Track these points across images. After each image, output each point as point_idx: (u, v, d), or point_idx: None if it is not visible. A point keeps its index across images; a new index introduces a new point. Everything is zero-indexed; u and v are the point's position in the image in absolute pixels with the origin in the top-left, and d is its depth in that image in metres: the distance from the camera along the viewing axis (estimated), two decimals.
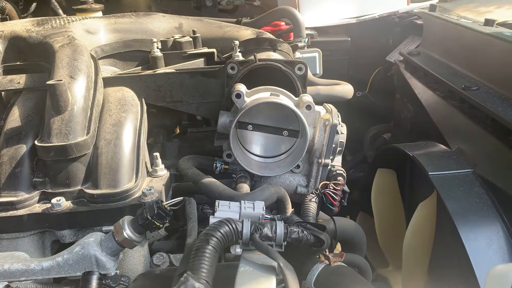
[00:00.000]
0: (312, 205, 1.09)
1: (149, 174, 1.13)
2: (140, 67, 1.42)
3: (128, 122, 1.12)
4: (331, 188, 1.12)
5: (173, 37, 1.46)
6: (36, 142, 1.01)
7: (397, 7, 2.11)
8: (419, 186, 1.43)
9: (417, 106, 1.64)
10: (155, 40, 1.38)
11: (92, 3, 1.89)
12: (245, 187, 1.11)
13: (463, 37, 1.52)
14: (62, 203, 0.98)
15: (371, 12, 2.10)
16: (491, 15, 2.03)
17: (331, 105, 1.18)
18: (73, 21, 1.40)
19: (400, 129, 1.90)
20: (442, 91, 1.49)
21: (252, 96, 1.13)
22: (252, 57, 1.22)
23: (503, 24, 1.63)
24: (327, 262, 0.92)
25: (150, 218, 0.89)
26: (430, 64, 1.64)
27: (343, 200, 1.14)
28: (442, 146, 1.37)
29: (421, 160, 1.26)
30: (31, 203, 1.00)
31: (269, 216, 0.94)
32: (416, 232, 1.30)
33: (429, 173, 1.18)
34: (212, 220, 0.89)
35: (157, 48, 1.39)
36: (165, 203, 0.93)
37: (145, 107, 1.22)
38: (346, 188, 1.15)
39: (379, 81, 2.23)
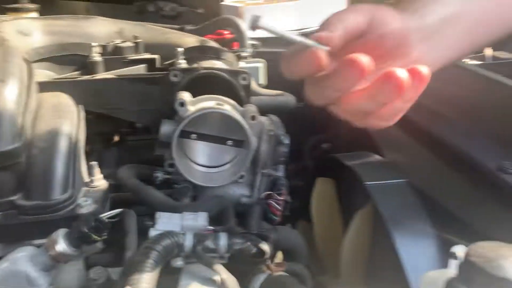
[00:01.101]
0: (255, 216, 1.10)
1: (85, 184, 1.08)
2: (78, 72, 1.37)
3: (64, 130, 1.07)
4: (274, 198, 1.13)
5: (113, 41, 1.42)
6: None
7: None
8: (357, 195, 1.48)
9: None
10: (94, 44, 1.34)
11: (26, 3, 1.79)
12: (187, 198, 1.10)
13: None
14: None
15: (313, 25, 2.16)
16: None
17: (275, 116, 1.20)
18: (5, 21, 1.32)
19: (338, 140, 1.96)
20: None
21: (196, 105, 1.12)
22: (196, 65, 1.21)
23: None
24: (269, 272, 0.92)
25: (86, 231, 0.85)
26: None
27: (285, 210, 1.16)
28: (378, 157, 1.43)
29: (358, 170, 1.30)
30: None
31: (212, 228, 0.94)
32: (353, 240, 1.34)
33: (366, 183, 1.23)
34: (152, 232, 0.87)
35: (97, 52, 1.34)
36: (102, 214, 0.90)
37: (82, 113, 1.17)
38: (288, 198, 1.16)
39: None
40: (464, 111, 1.19)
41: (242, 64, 1.60)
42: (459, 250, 0.71)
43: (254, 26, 0.63)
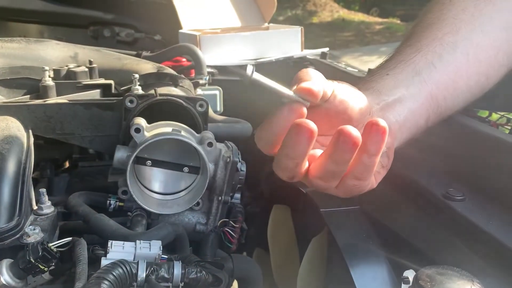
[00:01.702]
0: (211, 244, 1.08)
1: (33, 212, 1.03)
2: (29, 96, 1.33)
3: (12, 155, 1.02)
4: (230, 225, 1.13)
5: (67, 66, 1.39)
6: None
7: (292, 53, 2.26)
8: (312, 222, 1.50)
9: None
10: (46, 68, 1.30)
11: None
12: (141, 226, 1.07)
13: (350, 83, 1.67)
14: None
15: (268, 55, 2.22)
16: (373, 64, 2.26)
17: (232, 143, 1.20)
18: None
19: None
20: None
21: (152, 131, 1.11)
22: (152, 91, 1.20)
23: None
24: None
25: (33, 261, 0.81)
26: None
27: (241, 238, 1.15)
28: None
29: (313, 196, 1.33)
30: None
31: (166, 256, 0.91)
32: (309, 266, 1.35)
33: (321, 209, 1.25)
34: (104, 262, 0.84)
35: (49, 76, 1.31)
36: (51, 244, 0.86)
37: (32, 138, 1.13)
38: (244, 225, 1.16)
39: None
40: (412, 142, 1.25)
41: (199, 91, 1.61)
42: (411, 274, 0.74)
43: (249, 78, 0.65)
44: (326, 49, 2.18)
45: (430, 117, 0.90)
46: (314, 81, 0.72)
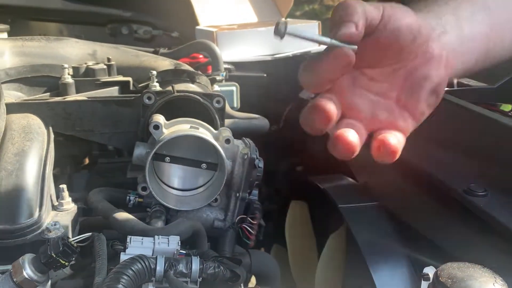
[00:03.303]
0: (229, 240, 1.09)
1: (54, 207, 1.05)
2: (49, 93, 1.35)
3: (33, 152, 1.04)
4: (248, 222, 1.13)
5: (86, 63, 1.41)
6: None
7: (309, 48, 2.24)
8: (330, 218, 1.49)
9: (326, 141, 1.72)
10: (66, 66, 1.32)
11: None
12: (159, 222, 1.08)
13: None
14: None
15: (285, 51, 2.20)
16: None
17: (249, 139, 1.20)
18: None
19: (312, 163, 1.98)
20: None
21: (171, 128, 1.12)
22: (170, 88, 1.21)
23: None
24: None
25: (54, 256, 0.82)
26: None
27: (259, 234, 1.15)
28: (351, 180, 1.45)
29: (331, 192, 1.32)
30: None
31: (184, 252, 0.92)
32: (327, 263, 1.34)
33: (339, 205, 1.24)
34: (123, 257, 0.85)
35: (68, 74, 1.32)
36: (71, 239, 0.87)
37: (52, 135, 1.15)
38: (262, 222, 1.16)
39: (292, 116, 2.32)
40: (432, 136, 1.23)
41: (216, 88, 1.61)
42: (431, 271, 0.73)
43: (281, 32, 0.62)
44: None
45: (484, 55, 0.83)
46: (355, 18, 0.62)
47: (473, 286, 0.63)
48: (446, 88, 1.79)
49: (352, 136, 0.64)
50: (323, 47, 0.68)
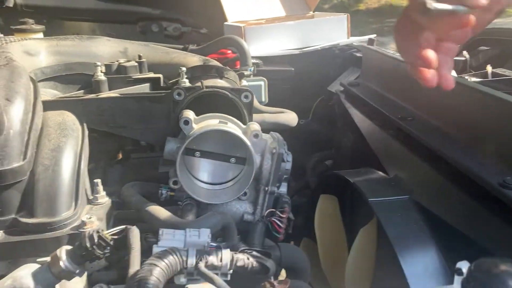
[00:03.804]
0: (258, 233, 1.09)
1: (89, 201, 1.09)
2: (82, 91, 1.39)
3: (68, 147, 1.08)
4: (277, 215, 1.13)
5: (117, 61, 1.44)
6: None
7: (338, 40, 2.21)
8: (360, 212, 1.48)
9: (357, 135, 1.71)
10: (98, 63, 1.35)
11: (33, 24, 1.82)
12: (191, 215, 1.10)
13: (399, 70, 1.62)
14: None
15: (313, 44, 2.19)
16: None
17: (277, 134, 1.20)
18: (12, 41, 1.35)
19: (341, 156, 1.96)
20: (380, 121, 1.56)
21: (200, 123, 1.13)
22: (199, 84, 1.22)
23: None
24: None
25: (89, 248, 0.85)
26: (369, 94, 1.73)
27: (288, 228, 1.16)
28: (381, 173, 1.43)
29: (361, 186, 1.30)
30: None
31: (215, 244, 0.93)
32: (357, 257, 1.33)
33: (369, 199, 1.23)
34: (155, 249, 0.87)
35: (101, 72, 1.36)
36: (106, 232, 0.89)
37: (86, 132, 1.18)
38: (291, 215, 1.16)
39: (321, 110, 2.30)
40: (465, 128, 1.20)
41: (244, 83, 1.62)
42: (464, 266, 0.71)
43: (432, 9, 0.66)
44: (373, 36, 2.12)
45: None
46: None
47: (508, 282, 0.61)
48: (480, 79, 1.74)
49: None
50: (352, 39, 0.70)
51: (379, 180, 1.38)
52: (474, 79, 1.77)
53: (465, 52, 2.09)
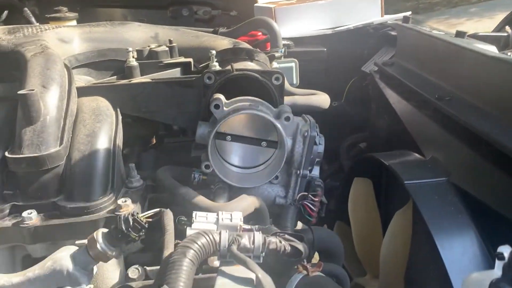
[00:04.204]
0: (290, 216, 1.09)
1: (124, 185, 1.11)
2: (115, 76, 1.40)
3: (103, 133, 1.10)
4: (310, 199, 1.12)
5: (149, 46, 1.45)
6: (6, 154, 0.98)
7: (372, 19, 2.15)
8: (395, 195, 1.45)
9: (392, 116, 1.66)
10: (130, 49, 1.37)
11: (66, 12, 1.86)
12: (223, 198, 1.10)
13: (436, 48, 1.56)
14: (34, 216, 0.95)
15: (346, 23, 2.13)
16: (461, 27, 2.09)
17: (309, 116, 1.18)
18: (46, 29, 1.38)
19: (375, 139, 1.93)
20: (416, 101, 1.52)
21: (231, 107, 1.13)
22: (229, 67, 1.21)
23: (474, 36, 1.68)
24: (305, 272, 0.91)
25: (125, 231, 0.87)
26: (404, 74, 1.67)
27: (321, 211, 1.14)
28: (417, 155, 1.39)
29: (396, 169, 1.27)
30: (0, 217, 0.96)
31: (247, 227, 0.93)
32: (392, 240, 1.31)
33: (405, 182, 1.20)
34: (189, 231, 0.87)
35: (133, 57, 1.37)
36: (141, 215, 0.91)
37: (120, 117, 1.20)
38: (324, 199, 1.15)
39: (354, 91, 2.26)
40: (507, 107, 1.14)
41: (275, 65, 1.60)
42: (506, 250, 0.68)
43: None
44: (408, 13, 2.05)
45: None
46: None
47: None
48: None
49: None
50: (386, 18, 0.66)
51: (415, 162, 1.35)
52: None
53: (507, 27, 1.99)
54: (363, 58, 2.25)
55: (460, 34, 1.55)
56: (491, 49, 1.38)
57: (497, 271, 0.66)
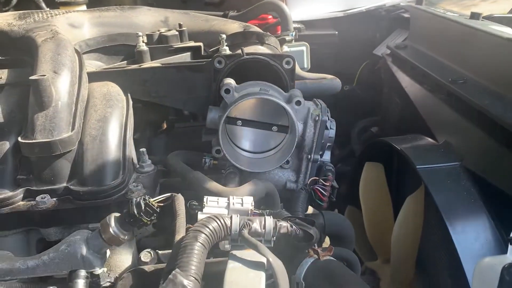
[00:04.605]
0: (301, 201, 1.09)
1: (136, 170, 1.11)
2: (126, 61, 1.40)
3: (114, 118, 1.10)
4: (320, 184, 1.12)
5: (159, 30, 1.44)
6: (19, 139, 0.99)
7: (384, 1, 2.12)
8: (407, 179, 1.44)
9: (405, 100, 1.64)
10: (140, 34, 1.36)
11: None
12: (234, 183, 1.11)
13: (450, 30, 1.53)
14: (47, 201, 0.97)
15: (358, 5, 2.10)
16: (476, 9, 2.04)
17: (320, 101, 1.18)
18: (56, 14, 1.37)
19: (387, 123, 1.91)
20: (429, 85, 1.50)
21: (241, 91, 1.12)
22: (239, 51, 1.20)
23: (489, 18, 1.64)
24: (316, 256, 0.92)
25: (137, 215, 0.88)
26: (417, 57, 1.65)
27: (332, 196, 1.14)
28: (430, 139, 1.38)
29: (408, 153, 1.26)
30: (15, 201, 0.98)
31: (258, 211, 0.94)
32: (404, 225, 1.30)
33: (417, 166, 1.19)
34: (200, 216, 0.88)
35: (143, 42, 1.37)
36: (152, 199, 0.92)
37: (131, 102, 1.20)
38: (335, 184, 1.15)
39: (366, 75, 2.23)
40: None
41: (285, 48, 1.58)
42: None
43: None
44: None
45: None
46: None
47: None
48: None
49: None
50: None
51: (428, 147, 1.33)
52: None
53: None
54: (375, 41, 2.22)
55: (475, 16, 1.52)
56: (507, 31, 1.35)
57: (509, 256, 0.65)
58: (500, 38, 1.24)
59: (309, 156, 1.16)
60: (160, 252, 0.99)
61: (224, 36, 1.33)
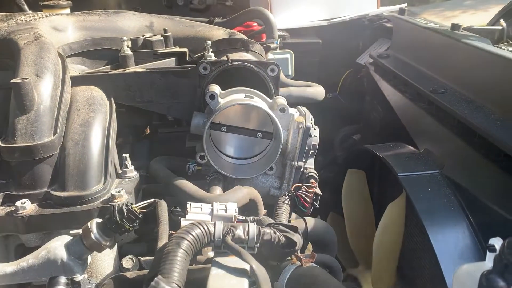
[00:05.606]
0: (285, 207, 1.09)
1: (118, 175, 1.10)
2: (110, 66, 1.39)
3: (97, 122, 1.09)
4: (304, 190, 1.13)
5: (143, 35, 1.44)
6: None
7: (367, 10, 2.15)
8: (388, 187, 1.46)
9: (386, 108, 1.67)
10: (125, 38, 1.35)
11: (60, 0, 1.83)
12: (217, 189, 1.10)
13: (431, 41, 1.56)
14: (27, 206, 0.95)
15: (342, 14, 2.12)
16: (456, 20, 2.09)
17: (304, 108, 1.19)
18: (40, 17, 1.36)
19: (369, 131, 1.93)
20: (411, 94, 1.52)
21: (226, 98, 1.13)
22: (224, 58, 1.21)
23: (469, 29, 1.68)
24: (298, 263, 0.92)
25: (119, 221, 0.87)
26: (399, 66, 1.68)
27: (315, 202, 1.15)
28: (411, 148, 1.40)
29: (390, 161, 1.28)
30: None
31: (242, 218, 0.94)
32: (385, 232, 1.32)
33: (398, 174, 1.21)
34: (183, 222, 0.88)
35: (127, 46, 1.36)
36: (135, 205, 0.91)
37: (114, 107, 1.19)
38: (318, 190, 1.15)
39: (349, 83, 2.26)
40: (501, 100, 1.15)
41: (270, 56, 1.59)
42: (497, 242, 0.69)
43: None
44: (404, 5, 2.05)
45: None
46: None
47: None
48: None
49: None
50: (382, 9, 0.65)
51: (409, 155, 1.35)
52: (511, 49, 1.68)
53: (502, 21, 1.99)
54: (358, 50, 2.25)
55: (455, 27, 1.55)
56: (486, 43, 1.38)
57: (488, 263, 0.67)
58: (479, 50, 1.27)
59: (293, 163, 1.17)
60: (142, 258, 0.98)
61: (209, 42, 1.34)
